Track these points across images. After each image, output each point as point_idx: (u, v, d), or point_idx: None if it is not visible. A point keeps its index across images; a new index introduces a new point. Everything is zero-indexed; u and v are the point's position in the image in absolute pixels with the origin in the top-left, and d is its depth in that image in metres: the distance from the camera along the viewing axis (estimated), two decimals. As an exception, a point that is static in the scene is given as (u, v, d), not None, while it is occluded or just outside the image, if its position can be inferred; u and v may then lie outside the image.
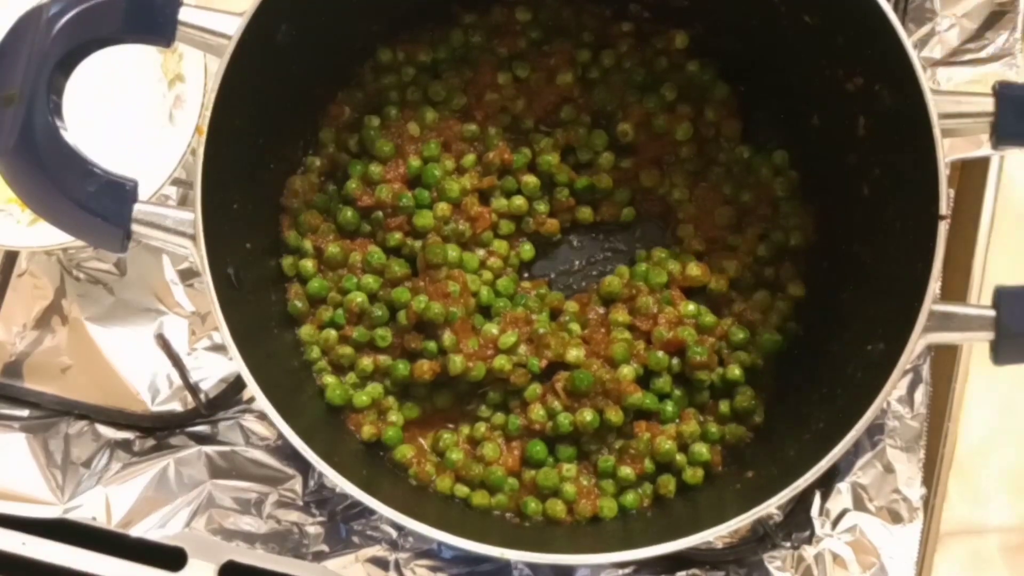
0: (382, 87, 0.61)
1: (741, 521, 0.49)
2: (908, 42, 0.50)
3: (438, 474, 0.58)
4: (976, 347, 0.64)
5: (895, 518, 0.61)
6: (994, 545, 0.64)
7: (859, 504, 0.61)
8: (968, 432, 0.64)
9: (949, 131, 0.50)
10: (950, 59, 0.65)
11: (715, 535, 0.49)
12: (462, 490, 0.57)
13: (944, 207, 0.49)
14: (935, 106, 0.49)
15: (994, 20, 0.66)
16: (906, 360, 0.49)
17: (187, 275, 0.66)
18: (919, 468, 0.62)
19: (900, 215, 0.53)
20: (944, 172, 0.50)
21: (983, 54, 0.65)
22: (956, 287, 0.64)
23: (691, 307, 0.59)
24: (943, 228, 0.50)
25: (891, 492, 0.61)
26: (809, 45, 0.56)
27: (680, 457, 0.57)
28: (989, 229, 0.65)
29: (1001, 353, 0.50)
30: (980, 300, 0.63)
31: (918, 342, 0.49)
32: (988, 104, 0.50)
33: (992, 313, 0.49)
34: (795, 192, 0.61)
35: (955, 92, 0.52)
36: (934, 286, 0.49)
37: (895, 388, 0.57)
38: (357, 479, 0.50)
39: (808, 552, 0.61)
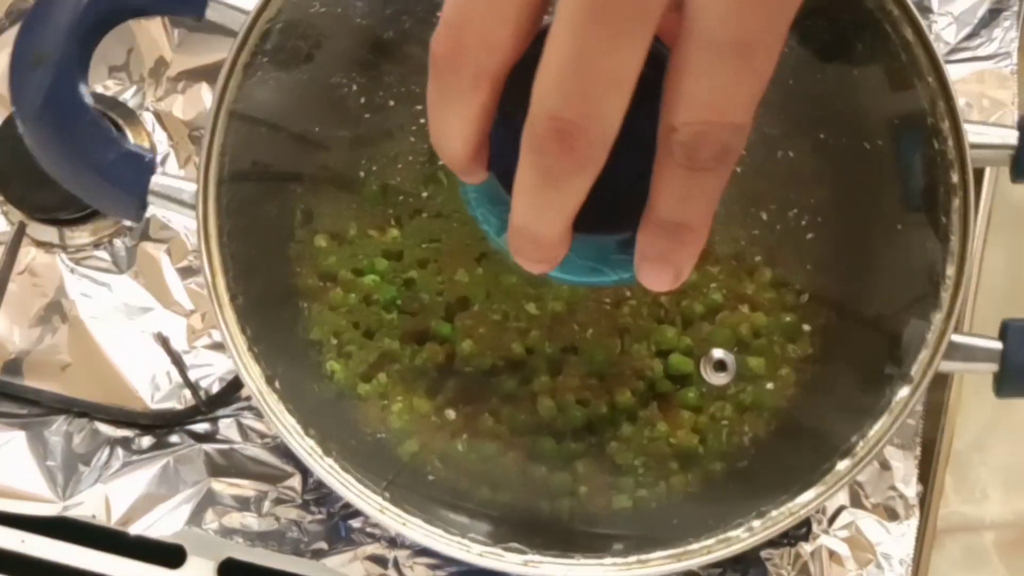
0: (415, 67, 0.61)
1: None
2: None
3: (441, 467, 0.57)
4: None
5: (891, 515, 0.61)
6: (990, 541, 0.65)
7: (855, 501, 0.61)
8: (964, 428, 0.64)
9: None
10: (947, 57, 0.65)
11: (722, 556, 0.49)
12: (465, 484, 0.57)
13: (959, 246, 0.49)
14: None
15: (992, 18, 0.66)
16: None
17: (187, 273, 0.66)
18: (915, 465, 0.62)
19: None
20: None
21: (981, 52, 0.65)
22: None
23: (694, 276, 0.59)
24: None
25: (887, 489, 0.61)
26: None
27: (701, 450, 0.57)
28: (985, 232, 0.65)
29: (1004, 386, 0.49)
30: (975, 304, 0.63)
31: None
32: (1012, 137, 0.50)
33: (998, 346, 0.49)
34: None
35: (979, 123, 0.52)
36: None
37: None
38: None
39: (805, 549, 0.61)
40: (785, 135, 0.60)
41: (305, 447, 0.51)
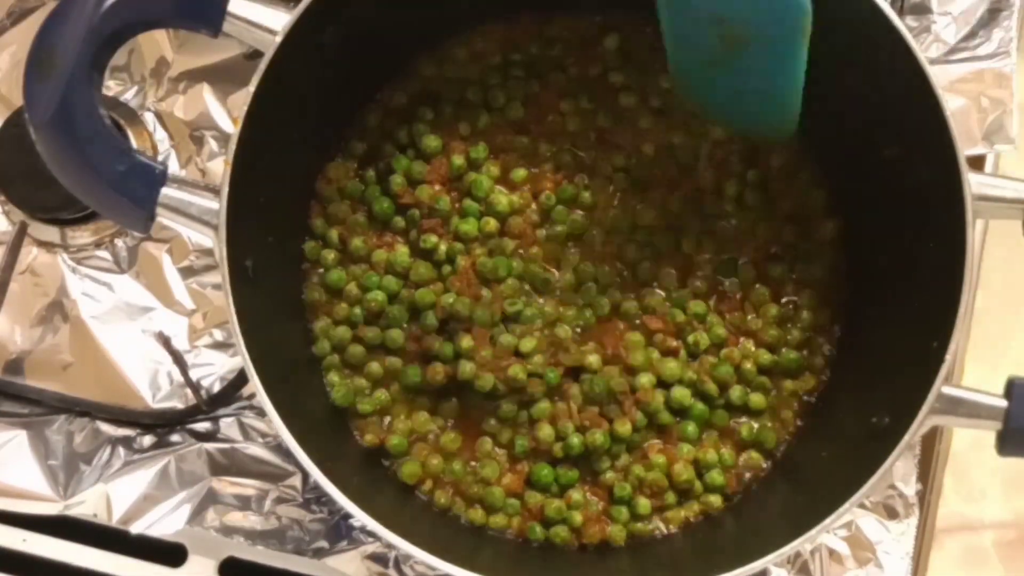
0: (442, 81, 0.61)
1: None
2: (950, 115, 0.49)
3: (437, 487, 0.57)
4: (971, 337, 0.65)
5: (891, 514, 0.61)
6: (989, 541, 0.65)
7: (855, 500, 0.61)
8: (964, 428, 0.64)
9: (980, 212, 0.49)
10: (946, 57, 0.65)
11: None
12: (460, 505, 0.57)
13: (966, 294, 0.48)
14: (970, 187, 0.48)
15: (991, 17, 0.66)
16: (910, 438, 0.48)
17: (188, 273, 0.66)
18: (915, 464, 0.62)
19: (920, 291, 0.52)
20: (972, 258, 0.48)
21: (979, 52, 0.65)
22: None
23: (701, 307, 0.58)
24: (963, 312, 0.48)
25: (887, 488, 0.61)
26: (853, 105, 0.55)
27: (698, 484, 0.57)
28: (983, 236, 0.65)
29: (1006, 445, 0.49)
30: (969, 316, 0.63)
31: (923, 422, 0.48)
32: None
33: (1003, 404, 0.48)
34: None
35: (994, 175, 0.51)
36: (947, 368, 0.48)
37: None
38: (347, 487, 0.49)
39: (804, 548, 0.61)
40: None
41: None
